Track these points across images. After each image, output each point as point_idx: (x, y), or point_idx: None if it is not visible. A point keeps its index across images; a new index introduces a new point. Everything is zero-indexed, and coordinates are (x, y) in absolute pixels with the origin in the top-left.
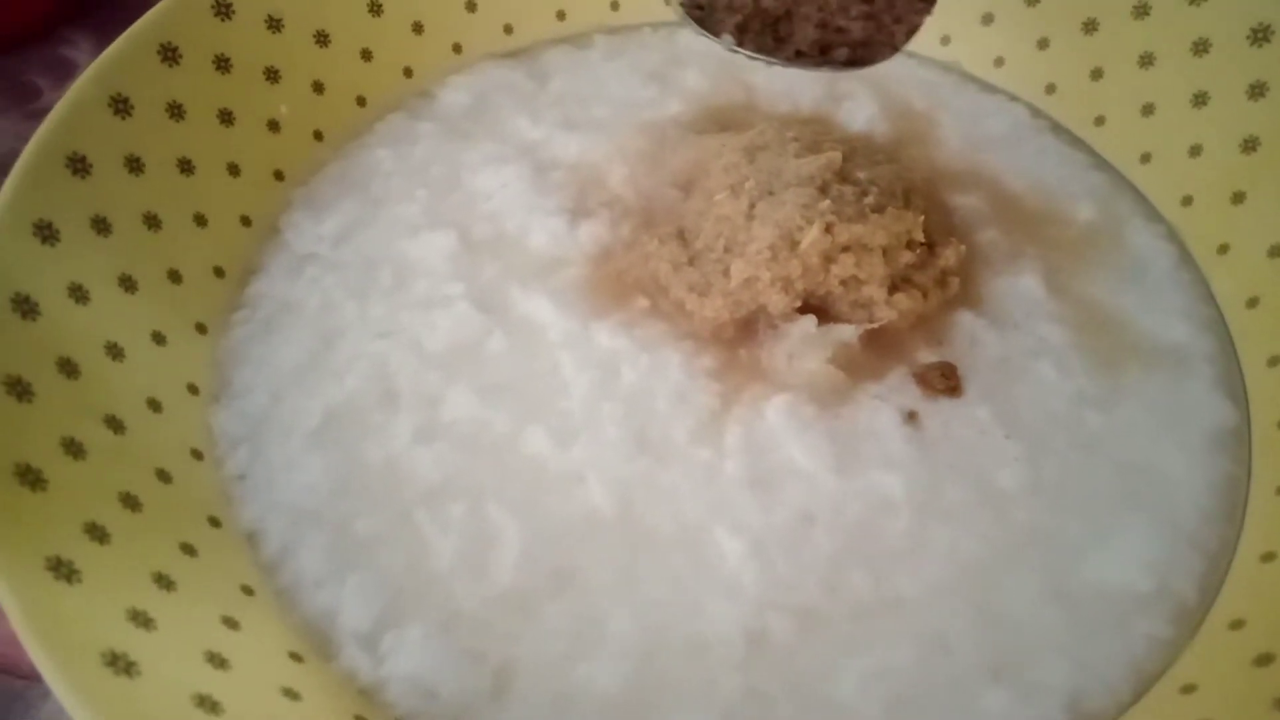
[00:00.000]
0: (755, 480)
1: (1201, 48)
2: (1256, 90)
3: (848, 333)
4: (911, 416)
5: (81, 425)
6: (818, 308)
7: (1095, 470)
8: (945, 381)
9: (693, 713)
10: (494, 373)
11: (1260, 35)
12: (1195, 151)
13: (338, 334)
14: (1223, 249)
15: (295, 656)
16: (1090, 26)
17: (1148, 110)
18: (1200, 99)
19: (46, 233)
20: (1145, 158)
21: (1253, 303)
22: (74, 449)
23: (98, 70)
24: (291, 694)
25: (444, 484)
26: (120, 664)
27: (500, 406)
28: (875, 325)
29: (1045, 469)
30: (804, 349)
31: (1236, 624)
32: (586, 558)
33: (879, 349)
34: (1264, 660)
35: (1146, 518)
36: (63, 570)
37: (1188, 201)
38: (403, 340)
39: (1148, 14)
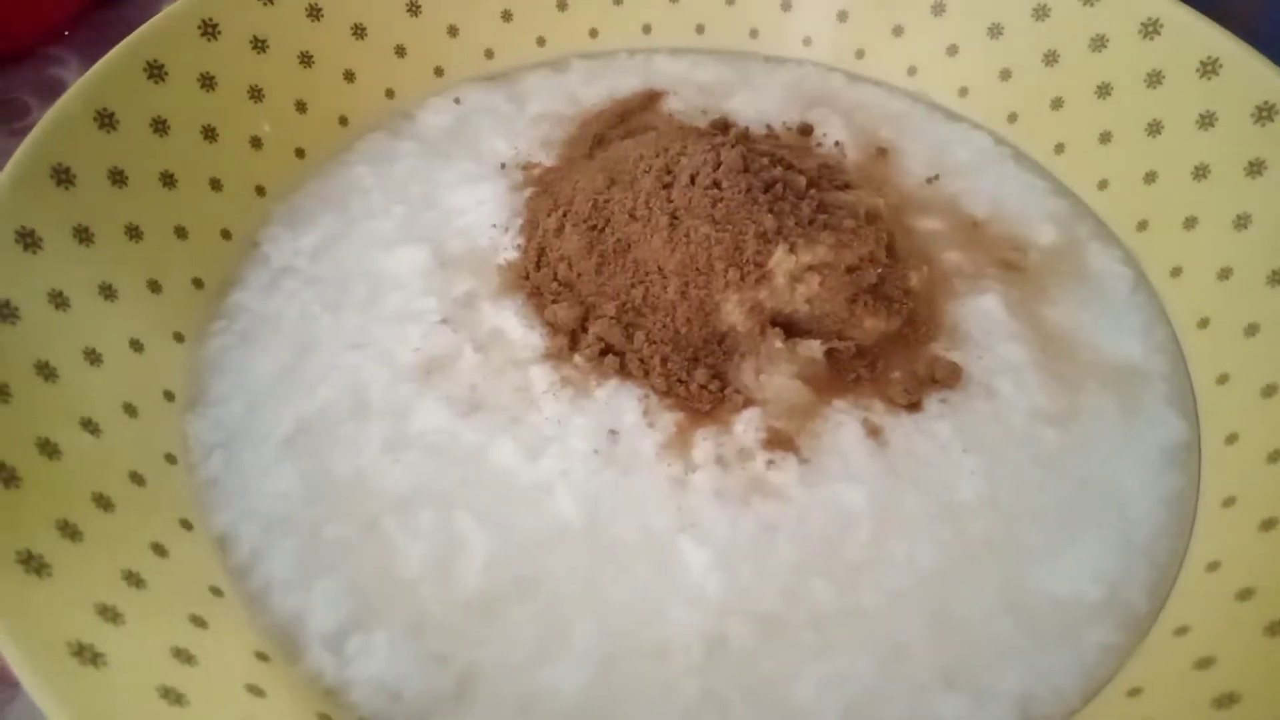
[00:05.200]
0: (720, 491)
1: (1155, 80)
2: (1206, 120)
3: (813, 349)
4: (874, 431)
5: (57, 427)
6: (785, 324)
7: (1051, 484)
8: (907, 397)
9: (651, 716)
10: (464, 385)
11: (1209, 68)
12: (1150, 178)
13: (312, 346)
14: (1175, 272)
15: (261, 656)
16: (1050, 58)
17: (1105, 138)
18: (1154, 128)
19: (29, 240)
20: (1103, 184)
21: (1203, 323)
22: (49, 449)
23: (84, 85)
24: (256, 691)
25: (413, 493)
26: (87, 655)
27: (470, 418)
28: (840, 344)
29: (1002, 483)
30: (771, 365)
31: (1181, 630)
32: (552, 565)
33: (843, 365)
34: (1205, 664)
35: (1100, 530)
36: (33, 564)
37: (1143, 226)
38: (375, 353)
39: (1105, 47)
